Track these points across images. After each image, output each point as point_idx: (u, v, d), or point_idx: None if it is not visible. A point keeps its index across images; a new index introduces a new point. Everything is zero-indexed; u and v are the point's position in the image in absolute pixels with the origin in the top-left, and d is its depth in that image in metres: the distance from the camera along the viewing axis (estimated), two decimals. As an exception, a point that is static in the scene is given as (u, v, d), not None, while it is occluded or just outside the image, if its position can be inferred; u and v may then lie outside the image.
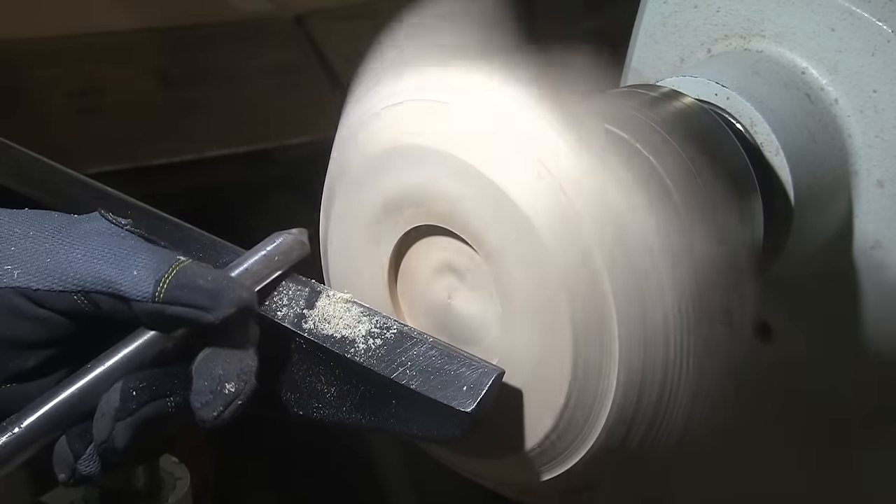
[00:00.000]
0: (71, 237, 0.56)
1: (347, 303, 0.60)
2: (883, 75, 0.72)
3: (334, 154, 0.64)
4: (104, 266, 0.55)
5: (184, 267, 0.55)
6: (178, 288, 0.54)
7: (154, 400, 0.54)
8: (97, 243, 0.56)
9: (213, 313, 0.54)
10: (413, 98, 0.58)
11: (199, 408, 0.54)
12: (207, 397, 0.54)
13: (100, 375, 0.55)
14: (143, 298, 0.54)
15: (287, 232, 0.62)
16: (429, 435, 0.55)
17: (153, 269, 0.54)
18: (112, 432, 0.53)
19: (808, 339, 0.80)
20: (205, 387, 0.54)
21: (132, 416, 0.53)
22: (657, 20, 0.84)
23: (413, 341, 0.57)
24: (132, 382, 0.54)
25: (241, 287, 0.56)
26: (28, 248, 0.55)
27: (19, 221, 0.57)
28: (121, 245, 0.56)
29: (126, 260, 0.55)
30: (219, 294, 0.54)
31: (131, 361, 0.55)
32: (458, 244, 0.59)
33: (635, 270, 0.54)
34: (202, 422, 0.54)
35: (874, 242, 0.75)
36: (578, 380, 0.56)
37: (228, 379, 0.54)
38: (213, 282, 0.55)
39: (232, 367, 0.54)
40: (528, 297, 0.56)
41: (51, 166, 0.72)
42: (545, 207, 0.54)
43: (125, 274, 0.54)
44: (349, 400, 0.57)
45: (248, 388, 0.54)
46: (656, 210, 0.55)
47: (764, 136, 0.71)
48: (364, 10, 1.60)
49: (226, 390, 0.54)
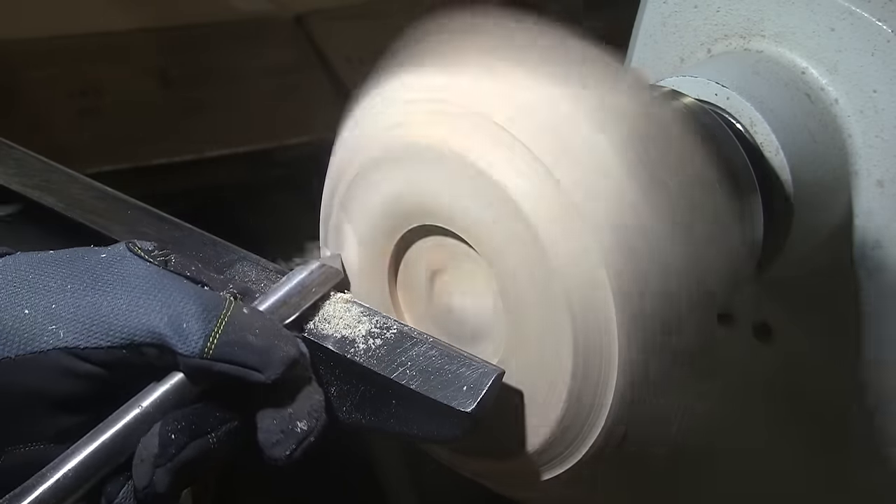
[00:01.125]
0: (110, 285, 0.53)
1: (347, 303, 0.60)
2: (883, 75, 0.72)
3: (335, 154, 0.64)
4: (151, 317, 0.52)
5: (232, 317, 0.53)
6: (229, 345, 0.52)
7: (195, 439, 0.52)
8: (140, 290, 0.53)
9: (263, 373, 0.52)
10: (415, 99, 0.58)
11: (269, 447, 0.53)
12: (279, 436, 0.53)
13: (135, 419, 0.52)
14: (192, 354, 0.52)
15: (322, 261, 0.62)
16: (429, 435, 0.55)
17: (203, 321, 0.52)
18: (153, 478, 0.51)
19: (809, 338, 0.80)
20: (274, 426, 0.53)
21: (172, 462, 0.51)
22: (657, 20, 0.84)
23: (413, 341, 0.57)
24: (170, 425, 0.52)
25: (289, 341, 0.54)
26: (69, 303, 0.53)
27: (49, 272, 0.54)
28: (165, 291, 0.53)
29: (174, 309, 0.52)
30: (269, 352, 0.53)
31: (167, 402, 0.53)
32: (457, 244, 0.59)
33: (636, 271, 0.54)
34: (274, 461, 0.53)
35: (874, 242, 0.75)
36: (578, 379, 0.56)
37: (300, 417, 0.53)
38: (263, 337, 0.53)
39: (301, 405, 0.53)
40: (528, 297, 0.56)
41: (51, 166, 0.72)
42: (545, 207, 0.54)
43: (174, 326, 0.52)
44: (349, 400, 0.57)
45: (321, 425, 0.53)
46: (656, 210, 0.55)
47: (764, 136, 0.71)
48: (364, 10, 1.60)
49: (297, 429, 0.53)
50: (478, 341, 0.60)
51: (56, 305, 0.53)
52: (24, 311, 0.52)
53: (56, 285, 0.53)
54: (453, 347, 0.57)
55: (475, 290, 0.60)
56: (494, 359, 0.58)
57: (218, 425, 0.53)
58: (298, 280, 0.60)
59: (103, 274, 0.54)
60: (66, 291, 0.53)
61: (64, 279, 0.54)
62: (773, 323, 0.81)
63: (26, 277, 0.53)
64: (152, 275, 0.55)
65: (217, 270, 0.62)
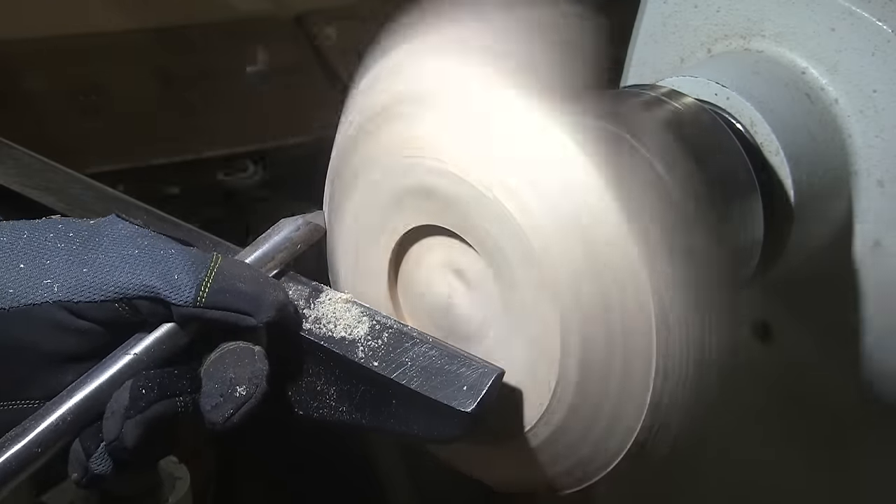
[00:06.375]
0: (101, 244, 0.55)
1: (347, 303, 0.60)
2: (883, 75, 0.72)
3: (335, 155, 0.64)
4: (143, 272, 0.54)
5: (221, 267, 0.55)
6: (220, 292, 0.54)
7: (164, 399, 0.53)
8: (130, 248, 0.55)
9: (255, 317, 0.54)
10: (413, 99, 0.58)
11: (208, 411, 0.54)
12: (217, 400, 0.54)
13: (112, 376, 0.54)
14: (185, 303, 0.53)
15: (307, 217, 0.63)
16: (429, 435, 0.55)
17: (193, 272, 0.54)
18: (122, 430, 0.53)
19: (808, 338, 0.80)
20: (215, 389, 0.54)
21: (141, 414, 0.53)
22: (657, 20, 0.84)
23: (413, 341, 0.57)
24: (142, 381, 0.53)
25: (277, 288, 0.56)
26: (63, 259, 0.54)
27: (44, 232, 0.55)
28: (155, 248, 0.55)
29: (164, 263, 0.54)
30: (259, 297, 0.54)
31: (141, 361, 0.54)
32: (457, 244, 0.59)
33: (635, 271, 0.54)
34: (211, 424, 0.54)
35: (874, 242, 0.75)
36: (577, 379, 0.56)
37: (239, 382, 0.54)
38: (252, 284, 0.55)
39: (243, 371, 0.54)
40: (527, 296, 0.56)
41: (51, 166, 0.72)
42: (545, 208, 0.54)
43: (166, 278, 0.54)
44: (349, 400, 0.57)
45: (260, 392, 0.54)
46: (656, 211, 0.55)
47: (764, 136, 0.71)
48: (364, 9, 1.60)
49: (237, 394, 0.53)
50: (478, 341, 0.60)
51: (50, 261, 0.54)
52: (20, 265, 0.54)
53: (50, 244, 0.55)
54: (453, 347, 0.57)
55: (474, 290, 0.60)
56: (494, 359, 0.58)
57: (187, 391, 0.54)
58: (284, 234, 0.61)
59: (95, 234, 0.56)
60: (59, 250, 0.54)
61: (57, 239, 0.55)
62: (773, 323, 0.81)
63: (21, 236, 0.55)
64: (142, 235, 0.56)
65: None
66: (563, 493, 0.61)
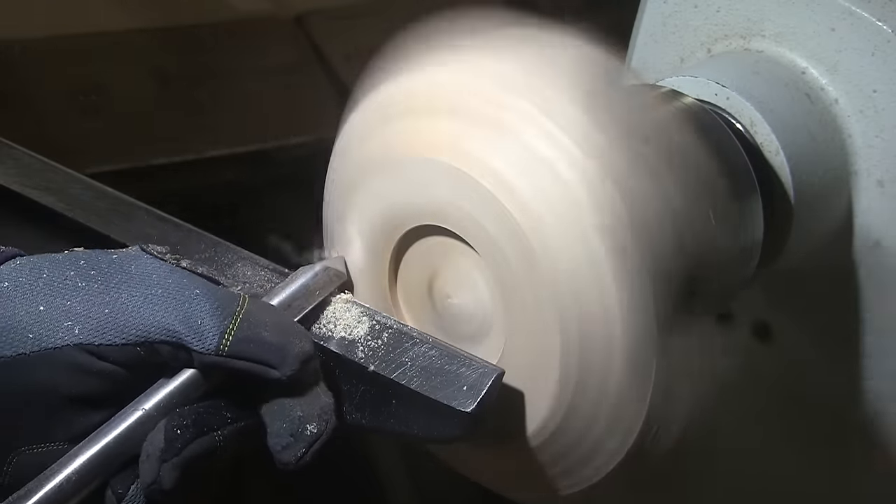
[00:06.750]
0: (124, 283, 0.53)
1: (347, 303, 0.60)
2: (883, 75, 0.72)
3: (335, 155, 0.64)
4: (166, 315, 0.52)
5: (247, 314, 0.53)
6: (244, 341, 0.52)
7: (200, 436, 0.51)
8: (154, 287, 0.53)
9: (279, 370, 0.52)
10: (413, 101, 0.59)
11: (279, 451, 0.53)
12: (288, 440, 0.52)
13: (142, 417, 0.52)
14: (208, 351, 0.52)
15: (326, 263, 0.62)
16: (429, 435, 0.55)
17: (218, 319, 0.52)
18: (159, 474, 0.50)
19: (808, 338, 0.80)
20: (283, 429, 0.53)
21: (178, 457, 0.50)
22: (657, 20, 0.84)
23: (413, 341, 0.57)
24: (175, 420, 0.51)
25: (303, 337, 0.54)
26: (84, 299, 0.52)
27: (64, 271, 0.53)
28: (180, 289, 0.53)
29: (188, 307, 0.52)
30: (284, 348, 0.52)
31: (175, 398, 0.52)
32: (457, 244, 0.59)
33: (635, 271, 0.54)
34: (283, 465, 0.53)
35: (874, 242, 0.75)
36: (577, 378, 0.56)
37: (309, 420, 0.53)
38: (278, 333, 0.53)
39: (311, 408, 0.53)
40: (527, 296, 0.56)
41: (51, 166, 0.72)
42: (546, 208, 0.54)
43: (189, 324, 0.52)
44: (349, 400, 0.57)
45: (331, 428, 0.53)
46: (656, 211, 0.55)
47: (764, 136, 0.71)
48: (364, 9, 1.60)
49: (307, 432, 0.53)
50: (477, 340, 0.60)
51: (71, 302, 0.52)
52: (40, 307, 0.52)
53: (71, 283, 0.53)
54: (453, 347, 0.57)
55: (474, 290, 0.60)
56: (494, 359, 0.58)
57: (224, 424, 0.52)
58: (302, 282, 0.59)
59: (117, 272, 0.54)
60: (80, 289, 0.53)
61: (78, 277, 0.53)
62: (773, 323, 0.81)
63: (41, 275, 0.53)
64: (166, 272, 0.54)
65: (218, 271, 0.62)
66: (562, 493, 0.61)
